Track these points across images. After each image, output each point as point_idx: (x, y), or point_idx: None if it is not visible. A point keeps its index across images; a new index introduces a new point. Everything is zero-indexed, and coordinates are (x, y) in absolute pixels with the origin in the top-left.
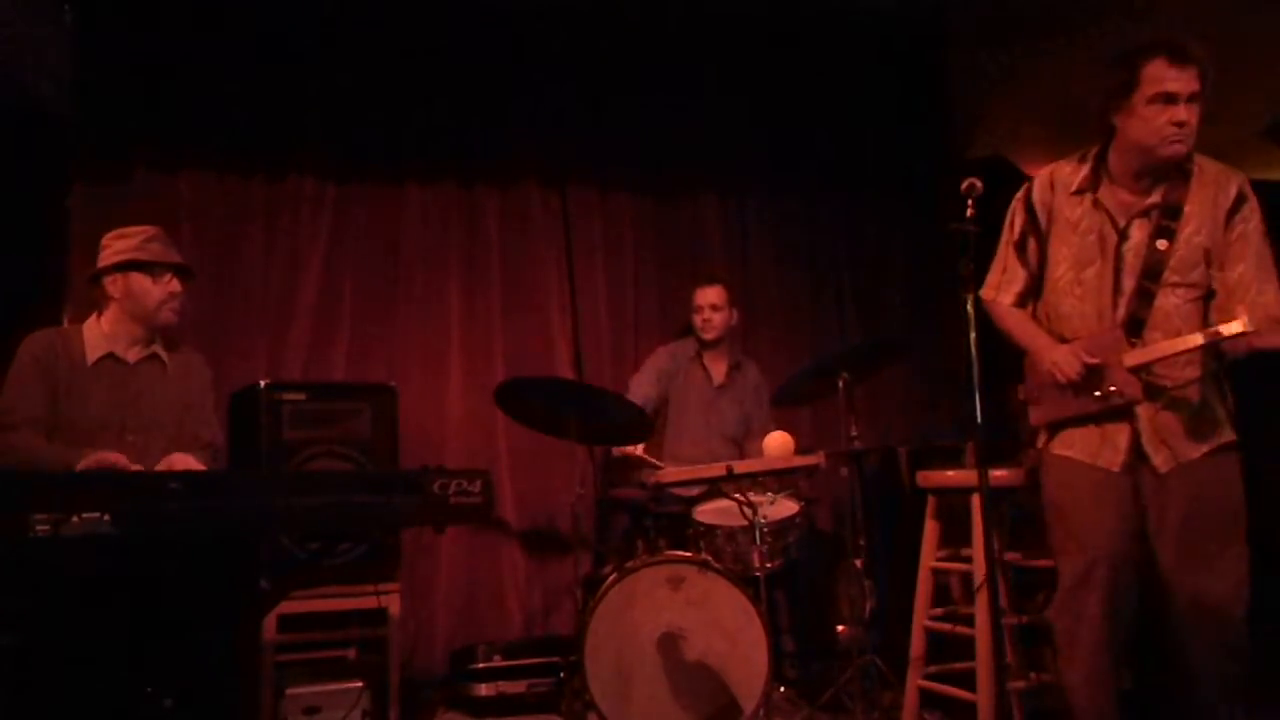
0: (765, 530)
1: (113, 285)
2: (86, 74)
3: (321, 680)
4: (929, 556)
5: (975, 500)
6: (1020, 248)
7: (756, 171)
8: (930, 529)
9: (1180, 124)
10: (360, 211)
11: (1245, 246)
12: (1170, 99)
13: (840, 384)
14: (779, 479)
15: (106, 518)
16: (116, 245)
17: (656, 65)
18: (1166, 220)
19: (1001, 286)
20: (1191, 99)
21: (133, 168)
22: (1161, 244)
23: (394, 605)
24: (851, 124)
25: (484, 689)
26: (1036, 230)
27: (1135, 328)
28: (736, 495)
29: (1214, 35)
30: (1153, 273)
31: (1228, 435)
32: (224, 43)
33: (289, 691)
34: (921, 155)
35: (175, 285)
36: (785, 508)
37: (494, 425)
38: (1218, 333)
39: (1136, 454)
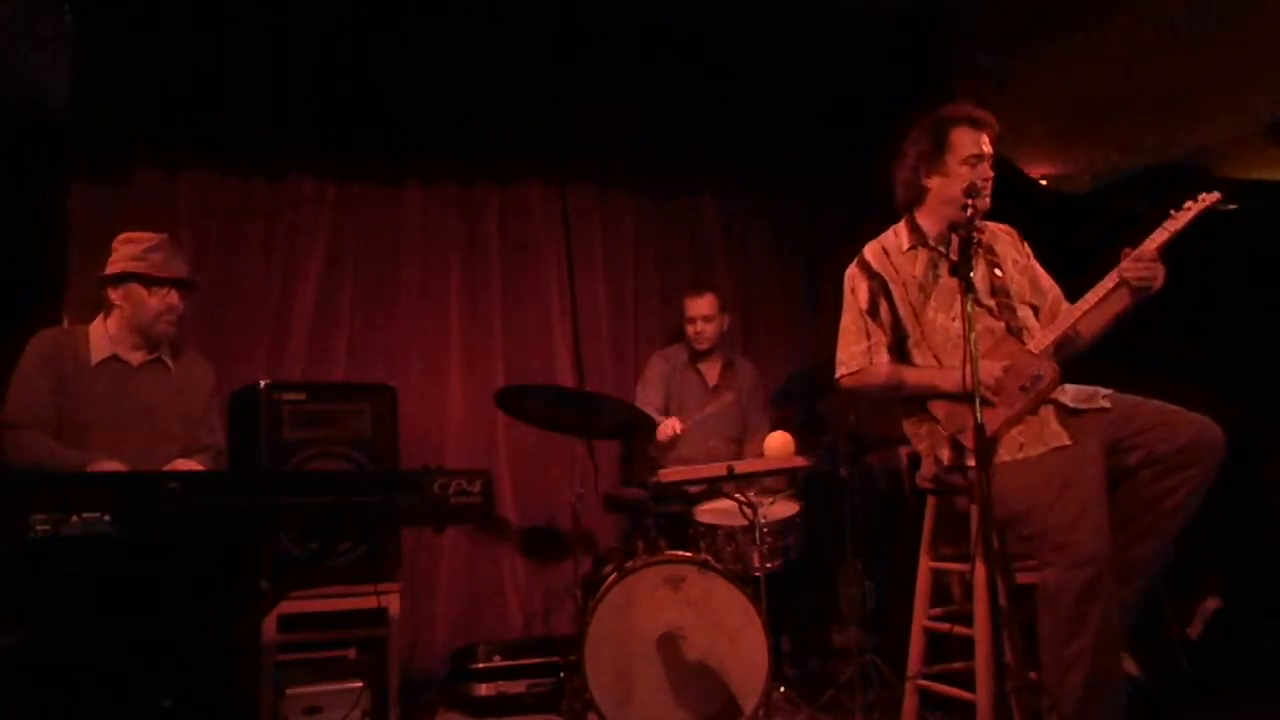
0: (765, 530)
1: (114, 291)
2: (86, 74)
3: (321, 680)
4: (928, 556)
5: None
6: (873, 313)
7: (756, 171)
8: (930, 529)
9: (987, 179)
10: (360, 211)
11: (1042, 271)
12: (978, 159)
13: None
14: (779, 479)
15: (106, 518)
16: (122, 251)
17: (656, 65)
18: (991, 257)
19: (872, 350)
20: (989, 159)
21: (133, 168)
22: (998, 273)
23: (394, 605)
24: (852, 123)
25: (484, 689)
26: (885, 292)
27: (1017, 334)
28: (737, 495)
29: (1214, 35)
30: (1002, 293)
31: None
32: (224, 43)
33: (289, 691)
34: None
35: (173, 298)
36: (785, 508)
37: (494, 425)
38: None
39: (1073, 418)
